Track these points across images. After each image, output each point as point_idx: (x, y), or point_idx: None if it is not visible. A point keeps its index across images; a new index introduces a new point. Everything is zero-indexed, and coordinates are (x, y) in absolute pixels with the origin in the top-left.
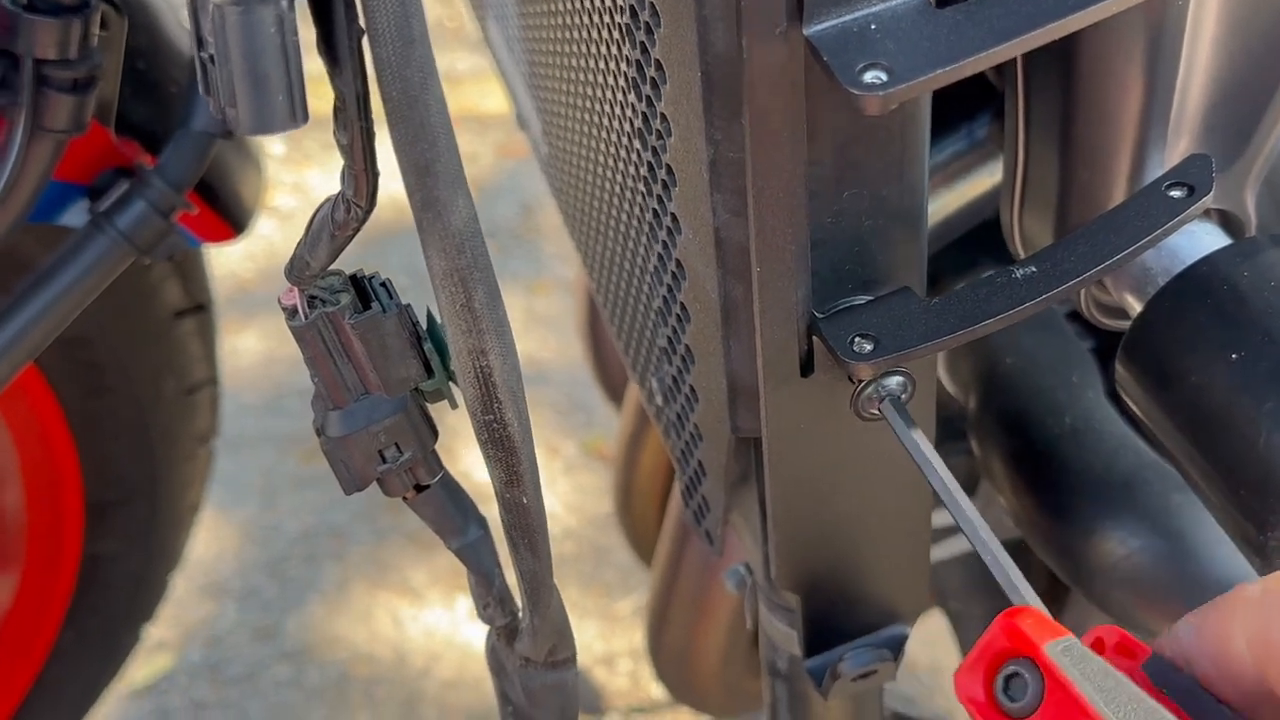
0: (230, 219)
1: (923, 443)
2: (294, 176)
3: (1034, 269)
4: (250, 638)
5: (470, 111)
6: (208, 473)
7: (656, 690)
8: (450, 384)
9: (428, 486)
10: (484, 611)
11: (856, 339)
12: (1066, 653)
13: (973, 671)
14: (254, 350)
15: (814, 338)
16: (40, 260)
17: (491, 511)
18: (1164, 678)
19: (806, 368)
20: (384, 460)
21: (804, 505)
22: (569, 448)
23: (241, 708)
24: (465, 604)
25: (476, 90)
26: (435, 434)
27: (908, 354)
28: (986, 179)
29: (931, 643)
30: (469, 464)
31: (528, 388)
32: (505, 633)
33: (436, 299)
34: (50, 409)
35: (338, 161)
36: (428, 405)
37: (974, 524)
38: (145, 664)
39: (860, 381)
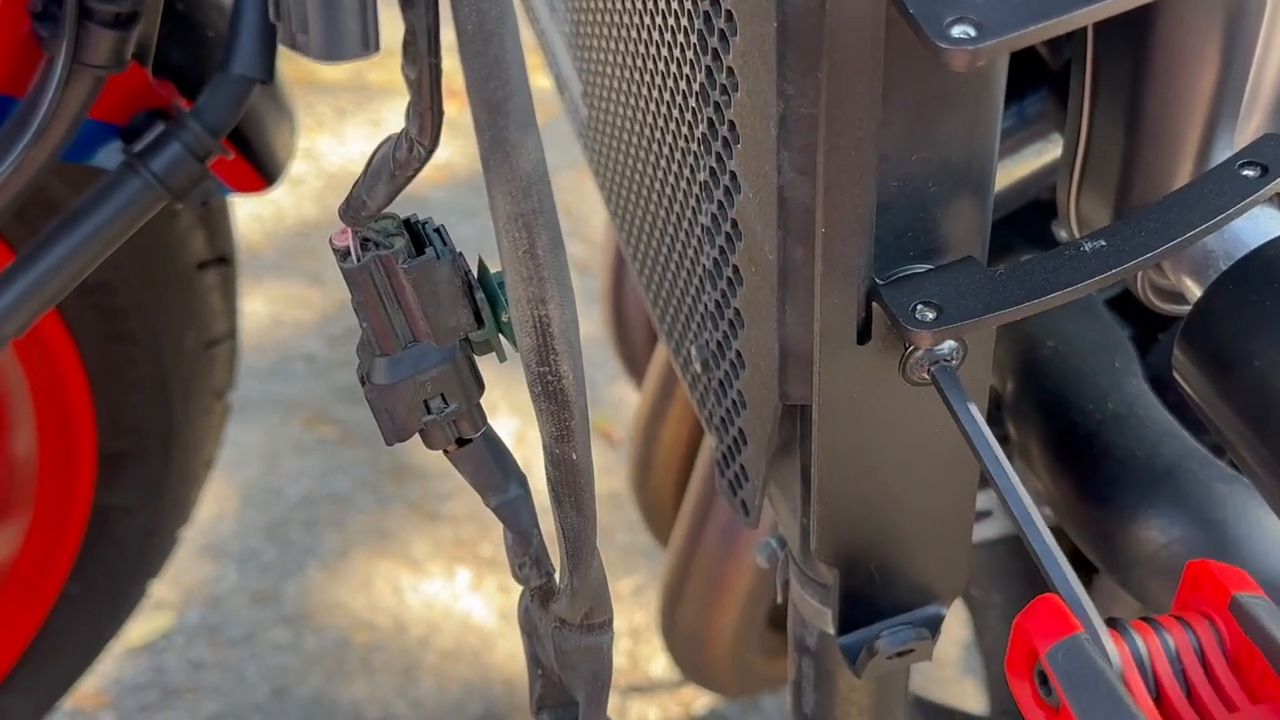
0: (263, 169)
1: (973, 410)
2: (306, 142)
3: (1103, 243)
4: (249, 600)
5: None
6: (222, 429)
7: (656, 669)
8: (500, 336)
9: (470, 440)
10: (519, 571)
11: (919, 306)
12: (1065, 655)
13: (1015, 671)
14: (260, 314)
15: (873, 304)
16: (68, 201)
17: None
18: (1246, 620)
19: (864, 335)
20: (429, 411)
21: (849, 476)
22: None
23: (239, 670)
24: (465, 576)
25: None
26: (482, 387)
27: (972, 324)
28: (1034, 159)
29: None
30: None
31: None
32: (540, 594)
33: (498, 243)
34: (68, 355)
35: (350, 129)
36: (475, 358)
37: (1019, 497)
38: (144, 623)
39: (915, 348)
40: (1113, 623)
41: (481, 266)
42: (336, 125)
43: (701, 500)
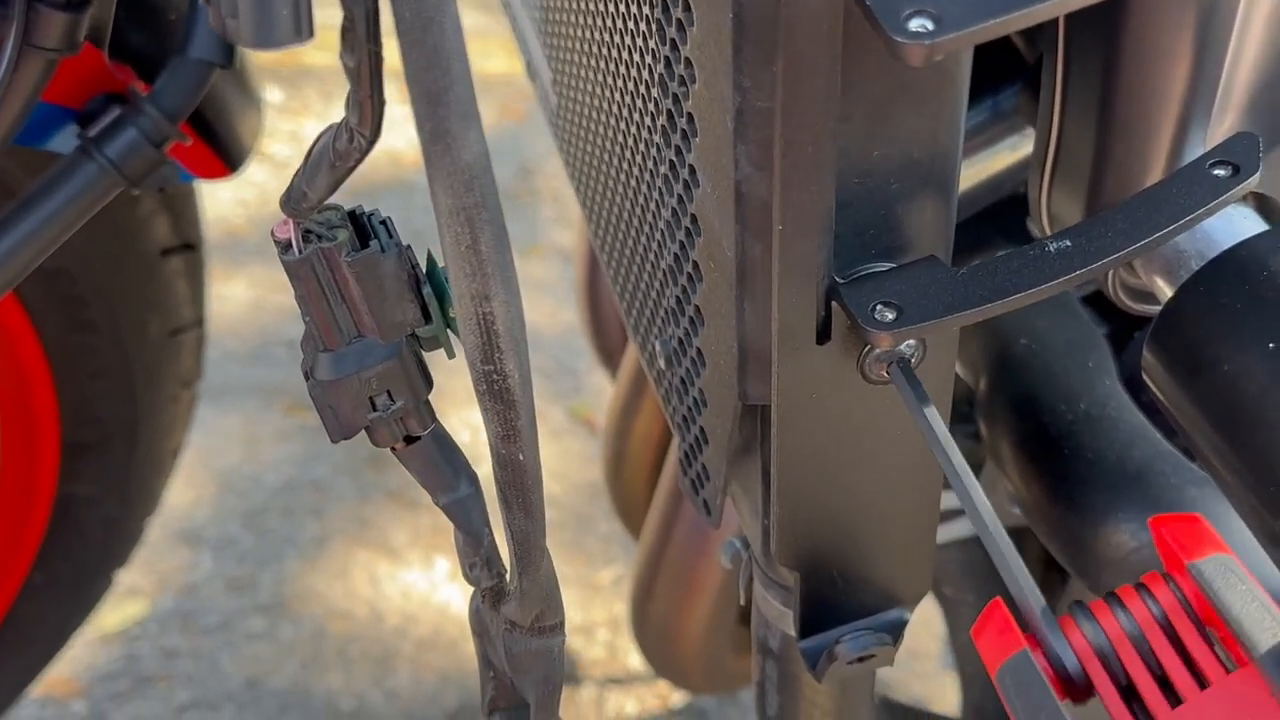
0: (225, 156)
1: (931, 409)
2: (291, 125)
3: (1068, 243)
4: (225, 588)
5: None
6: (189, 418)
7: (634, 661)
8: (449, 332)
9: (418, 438)
10: (470, 572)
11: (879, 306)
12: (1013, 673)
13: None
14: (242, 298)
15: (833, 303)
16: (23, 186)
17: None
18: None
19: (823, 334)
20: (374, 408)
21: (810, 479)
22: (556, 413)
23: (213, 658)
24: (444, 565)
25: (478, 50)
26: (430, 384)
27: (933, 325)
28: (1009, 154)
29: (910, 630)
30: (454, 424)
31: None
32: (491, 595)
33: (440, 239)
34: (30, 344)
35: (337, 114)
36: (423, 354)
37: (974, 499)
38: (117, 609)
39: (874, 348)
40: (1074, 608)
41: (430, 260)
42: (322, 108)
43: (671, 497)
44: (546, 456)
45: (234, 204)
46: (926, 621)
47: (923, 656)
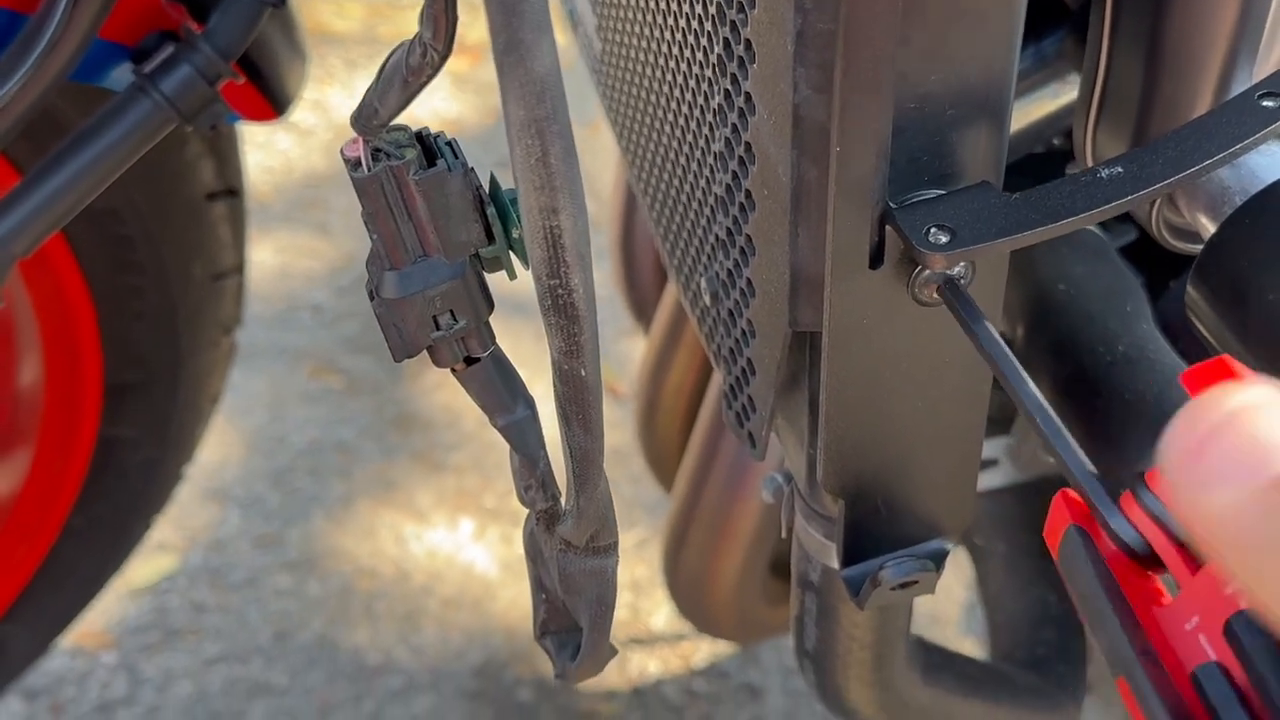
0: (273, 98)
1: (985, 323)
2: (315, 94)
3: (1120, 170)
4: (252, 545)
5: None
6: (229, 365)
7: (656, 622)
8: (510, 253)
9: (478, 360)
10: (525, 494)
11: (933, 229)
12: (1068, 546)
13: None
14: (269, 264)
15: (886, 228)
16: (75, 123)
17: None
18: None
19: (876, 259)
20: (438, 327)
21: (858, 404)
22: None
23: (241, 613)
24: (468, 526)
25: None
26: (491, 305)
27: (986, 247)
28: (1050, 101)
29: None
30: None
31: (519, 316)
32: (545, 517)
33: (510, 151)
34: (76, 284)
35: (360, 81)
36: (485, 275)
37: (1031, 400)
38: (146, 564)
39: (926, 270)
40: (1135, 482)
41: (493, 182)
42: (347, 77)
43: (707, 444)
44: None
45: (259, 170)
46: (947, 587)
47: (944, 621)
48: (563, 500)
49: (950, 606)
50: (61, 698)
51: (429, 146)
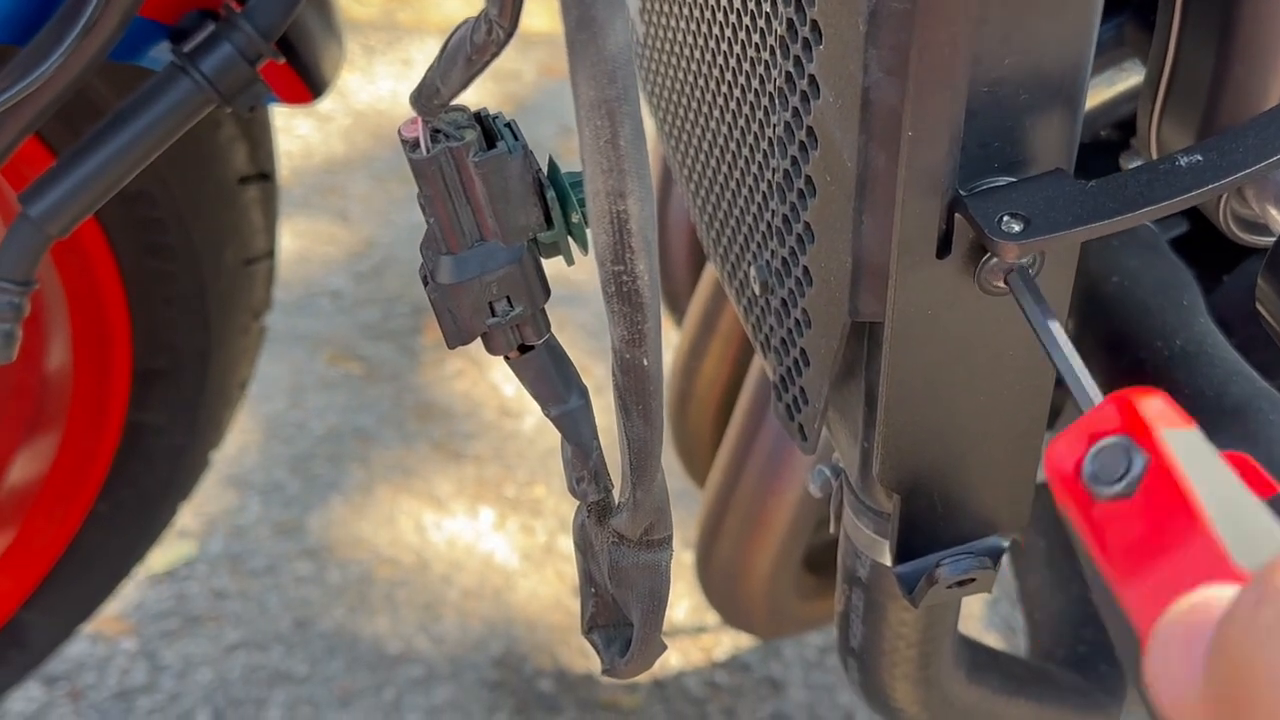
0: (310, 81)
1: (1051, 317)
2: None
3: (1200, 158)
4: (272, 532)
5: None
6: (258, 351)
7: (677, 615)
8: (569, 239)
9: (533, 347)
10: (577, 486)
11: (1006, 218)
12: (1187, 442)
13: (1072, 442)
14: (288, 249)
15: (955, 216)
16: (110, 103)
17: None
18: None
19: (944, 248)
20: (493, 313)
21: (918, 396)
22: (599, 369)
23: (261, 600)
24: (489, 516)
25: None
26: (548, 292)
27: (1062, 236)
28: (1105, 89)
29: None
30: (499, 376)
31: (561, 306)
32: (597, 509)
33: (579, 131)
34: (107, 267)
35: (379, 68)
36: (542, 261)
37: (1088, 393)
38: (166, 551)
39: (995, 259)
40: None
41: (552, 165)
42: (366, 64)
43: (743, 435)
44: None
45: (280, 156)
46: None
47: (967, 618)
48: (615, 493)
49: (973, 602)
50: (81, 684)
51: (488, 128)
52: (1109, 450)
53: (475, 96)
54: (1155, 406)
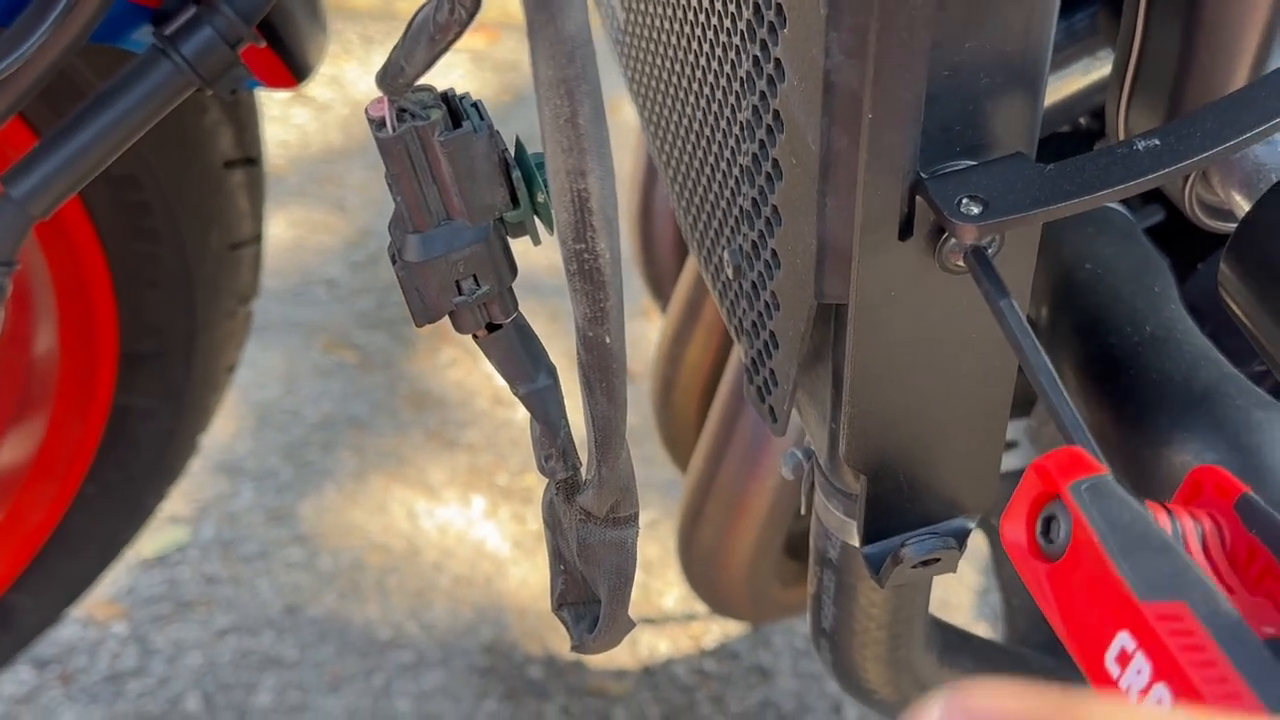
0: (293, 65)
1: (1010, 298)
2: (332, 69)
3: (1157, 142)
4: (264, 518)
5: (512, 18)
6: (245, 335)
7: (667, 602)
8: (535, 218)
9: (500, 326)
10: (545, 464)
11: (965, 200)
12: (1090, 491)
13: (1013, 517)
14: (283, 238)
15: (916, 199)
16: (91, 85)
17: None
18: (1253, 517)
19: (905, 230)
20: (460, 292)
21: (883, 378)
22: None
23: (253, 585)
24: (480, 504)
25: None
26: (514, 271)
27: (1019, 218)
28: (1080, 77)
29: (943, 581)
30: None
31: (552, 297)
32: (565, 487)
33: (539, 111)
34: (92, 251)
35: (377, 57)
36: (509, 240)
37: (1048, 382)
38: (158, 536)
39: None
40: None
41: (519, 145)
42: (363, 53)
43: (724, 421)
44: (579, 402)
45: (275, 144)
46: (960, 572)
47: (954, 607)
48: (583, 470)
49: (963, 592)
50: (72, 667)
51: (454, 108)
52: (1049, 516)
53: (473, 86)
54: (1062, 462)
